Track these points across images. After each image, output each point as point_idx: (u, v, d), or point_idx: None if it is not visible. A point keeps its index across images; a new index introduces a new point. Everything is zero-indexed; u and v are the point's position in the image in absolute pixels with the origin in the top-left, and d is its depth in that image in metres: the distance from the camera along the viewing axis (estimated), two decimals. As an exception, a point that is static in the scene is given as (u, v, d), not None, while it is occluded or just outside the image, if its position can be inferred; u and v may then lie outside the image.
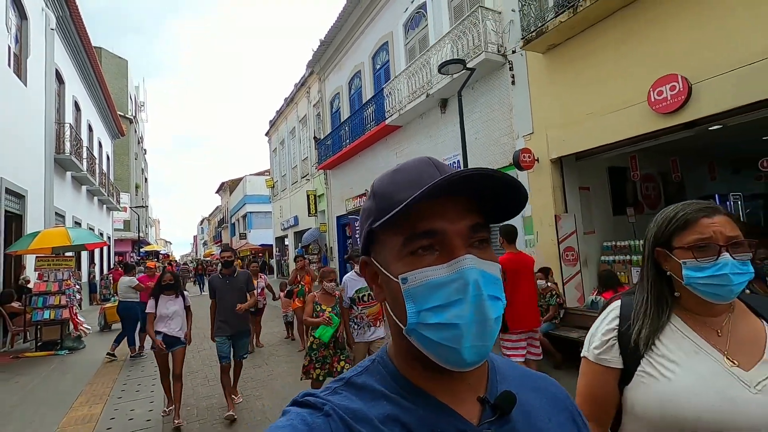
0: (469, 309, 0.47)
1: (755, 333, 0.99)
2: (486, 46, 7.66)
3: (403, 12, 10.96)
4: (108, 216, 21.54)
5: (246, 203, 33.35)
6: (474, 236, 0.50)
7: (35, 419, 4.28)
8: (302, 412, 0.48)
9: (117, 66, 30.17)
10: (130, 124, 29.18)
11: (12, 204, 8.50)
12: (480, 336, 0.47)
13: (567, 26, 6.13)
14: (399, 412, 0.49)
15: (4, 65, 8.28)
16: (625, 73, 5.73)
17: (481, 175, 0.47)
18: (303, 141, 19.61)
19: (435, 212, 0.49)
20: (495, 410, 0.51)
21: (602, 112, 6.06)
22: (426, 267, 0.48)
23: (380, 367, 0.55)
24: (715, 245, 0.96)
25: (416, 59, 9.78)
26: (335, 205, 15.65)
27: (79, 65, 14.52)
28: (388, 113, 10.89)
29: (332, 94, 16.06)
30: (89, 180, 14.60)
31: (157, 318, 4.17)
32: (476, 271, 0.47)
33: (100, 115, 18.95)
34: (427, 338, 0.48)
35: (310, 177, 18.40)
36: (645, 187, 8.68)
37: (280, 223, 23.21)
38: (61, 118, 12.31)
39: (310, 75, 17.80)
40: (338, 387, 0.53)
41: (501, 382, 0.56)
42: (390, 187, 0.52)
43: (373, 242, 0.55)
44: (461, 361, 0.48)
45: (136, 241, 27.25)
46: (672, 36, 5.21)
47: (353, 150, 13.22)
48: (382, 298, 0.55)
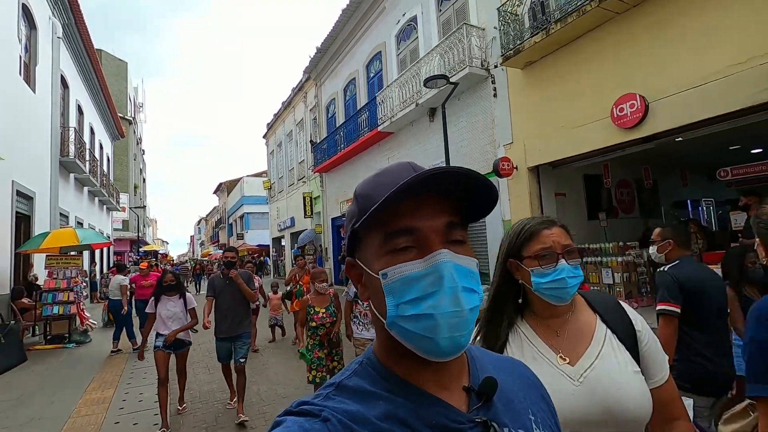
0: (443, 300, 0.49)
1: (587, 327, 1.07)
2: (470, 60, 8.20)
3: (396, 24, 11.49)
4: (108, 216, 21.96)
5: (243, 204, 33.79)
6: (449, 233, 0.52)
7: (54, 401, 4.77)
8: (299, 419, 0.48)
9: (117, 68, 30.55)
10: (129, 126, 29.57)
11: (22, 205, 8.97)
12: (456, 326, 0.49)
13: (541, 46, 6.67)
14: (395, 409, 0.50)
15: (16, 74, 8.75)
16: (592, 90, 6.28)
17: (451, 173, 0.49)
18: (300, 144, 20.11)
19: (412, 211, 0.51)
20: (480, 397, 0.54)
21: (572, 125, 6.61)
22: (403, 263, 0.50)
23: (368, 367, 0.56)
24: (554, 253, 1.07)
25: (407, 70, 10.31)
26: (330, 207, 16.15)
27: (83, 70, 14.98)
28: (381, 120, 11.42)
29: (328, 100, 16.57)
30: (91, 181, 15.06)
31: (158, 319, 4.09)
32: (450, 265, 0.50)
33: (102, 117, 19.39)
34: (406, 330, 0.50)
35: (306, 179, 18.89)
36: (620, 193, 9.24)
37: (276, 224, 23.68)
38: (66, 122, 12.77)
39: (307, 80, 18.31)
40: (330, 392, 0.53)
41: (480, 369, 0.58)
42: (370, 190, 0.54)
43: (357, 243, 0.56)
44: (439, 351, 0.50)
45: (135, 241, 27.63)
46: (631, 59, 5.77)
47: (348, 154, 13.73)
48: (367, 296, 0.56)
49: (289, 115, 21.37)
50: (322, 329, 3.76)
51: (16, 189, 8.44)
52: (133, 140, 30.91)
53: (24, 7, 9.22)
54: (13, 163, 8.26)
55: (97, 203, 18.60)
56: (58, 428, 4.00)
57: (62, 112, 12.59)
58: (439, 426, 0.50)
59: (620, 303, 1.16)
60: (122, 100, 29.43)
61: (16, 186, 8.45)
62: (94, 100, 17.46)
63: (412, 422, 0.49)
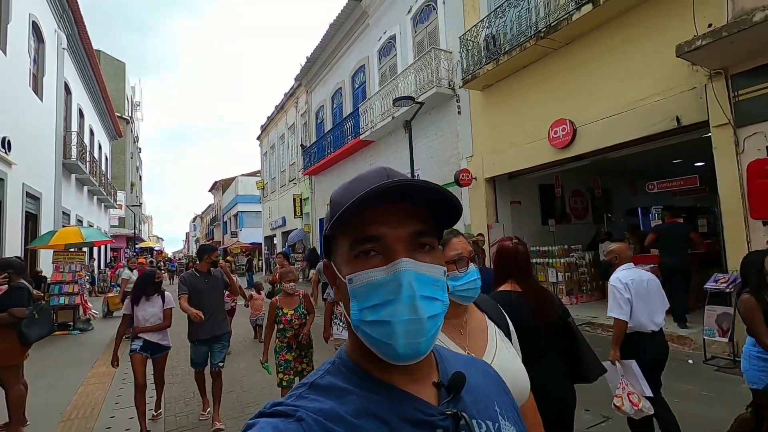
0: (401, 308, 0.50)
1: (481, 325, 1.16)
2: (438, 81, 9.15)
3: (378, 40, 12.43)
4: (105, 213, 22.75)
5: (238, 203, 34.59)
6: (415, 241, 0.53)
7: (67, 374, 5.67)
8: (272, 420, 0.48)
9: (115, 68, 31.22)
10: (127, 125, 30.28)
11: (30, 205, 9.83)
12: (413, 333, 0.50)
13: (493, 73, 7.64)
14: (368, 404, 0.51)
15: (26, 86, 9.61)
16: (534, 114, 7.25)
17: (411, 186, 0.50)
18: (291, 147, 20.99)
19: (379, 219, 0.52)
20: (449, 391, 0.56)
21: (520, 143, 7.58)
22: (368, 269, 0.52)
23: (341, 366, 0.57)
24: (465, 258, 1.18)
25: (387, 84, 11.24)
26: (318, 208, 17.06)
27: (84, 75, 15.80)
28: (363, 129, 12.35)
29: (318, 106, 17.48)
30: (91, 181, 15.88)
31: (135, 321, 3.78)
32: (411, 274, 0.51)
33: (100, 118, 20.18)
34: (368, 334, 0.52)
35: (296, 181, 19.79)
36: (573, 201, 10.24)
37: (269, 223, 24.55)
38: (68, 126, 13.60)
39: (299, 87, 19.20)
40: (303, 391, 0.53)
41: (449, 366, 0.61)
42: (342, 196, 0.55)
43: (331, 246, 0.58)
44: (397, 356, 0.51)
45: (131, 238, 28.41)
46: (563, 89, 6.74)
47: (334, 159, 14.65)
48: (339, 298, 0.57)
49: (282, 118, 22.25)
50: (290, 331, 3.58)
51: (25, 191, 9.31)
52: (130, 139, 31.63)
53: (34, 24, 10.07)
54: (23, 168, 9.12)
55: (96, 201, 19.41)
56: (73, 392, 4.92)
57: (65, 116, 13.41)
58: (412, 419, 0.51)
59: (496, 303, 1.30)
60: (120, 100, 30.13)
61: (25, 188, 9.32)
62: (94, 102, 18.27)
63: (385, 417, 0.50)
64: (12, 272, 3.80)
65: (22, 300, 3.78)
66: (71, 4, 12.18)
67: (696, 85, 5.10)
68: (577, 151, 6.61)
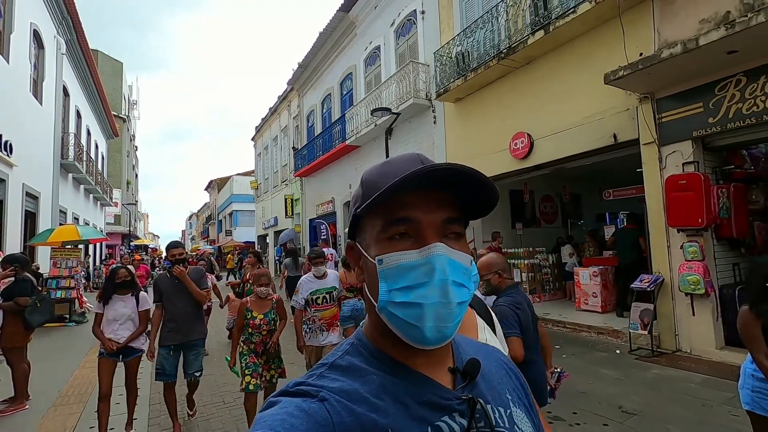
0: (433, 291, 0.50)
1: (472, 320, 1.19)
2: (416, 92, 9.76)
3: (364, 50, 13.02)
4: (101, 211, 23.24)
5: (232, 202, 35.11)
6: (447, 228, 0.54)
7: (67, 357, 6.26)
8: (295, 400, 0.49)
9: (112, 68, 31.64)
10: (123, 123, 30.73)
11: (29, 204, 10.37)
12: (442, 317, 0.51)
13: (463, 88, 8.26)
14: (387, 386, 0.52)
15: (27, 92, 10.15)
16: (498, 126, 7.87)
17: (454, 170, 0.50)
18: (284, 149, 21.55)
19: (413, 203, 0.53)
20: (465, 377, 0.57)
21: (487, 152, 8.19)
22: (400, 251, 0.52)
23: (360, 348, 0.57)
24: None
25: (371, 92, 11.85)
26: (308, 209, 17.65)
27: (82, 77, 16.32)
28: (349, 135, 12.95)
29: (308, 110, 18.06)
30: (87, 180, 16.40)
31: (104, 322, 3.47)
32: (444, 258, 0.51)
33: (97, 119, 20.68)
34: (395, 315, 0.52)
35: (288, 182, 20.35)
36: (543, 206, 10.86)
37: (262, 223, 25.11)
38: (66, 127, 14.12)
39: (291, 91, 19.77)
40: (324, 371, 0.54)
41: (464, 353, 0.62)
42: (376, 177, 0.56)
43: (358, 227, 0.59)
44: (423, 339, 0.51)
45: (126, 235, 28.89)
46: (522, 105, 7.37)
47: (323, 162, 15.23)
48: (363, 279, 0.58)
49: (275, 121, 22.81)
50: (258, 336, 3.37)
51: (25, 191, 9.85)
52: (126, 137, 32.07)
53: (35, 32, 10.61)
54: (23, 168, 9.66)
55: (92, 199, 19.92)
56: (69, 375, 5.49)
57: (63, 118, 13.93)
58: (430, 403, 0.52)
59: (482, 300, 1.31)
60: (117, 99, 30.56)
61: (25, 188, 9.86)
62: (91, 103, 18.78)
63: (404, 398, 0.51)
64: (18, 266, 4.39)
65: (26, 290, 4.37)
66: (70, 11, 12.71)
67: (629, 107, 5.73)
68: (535, 161, 7.23)
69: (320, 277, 3.93)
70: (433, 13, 9.81)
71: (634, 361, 5.09)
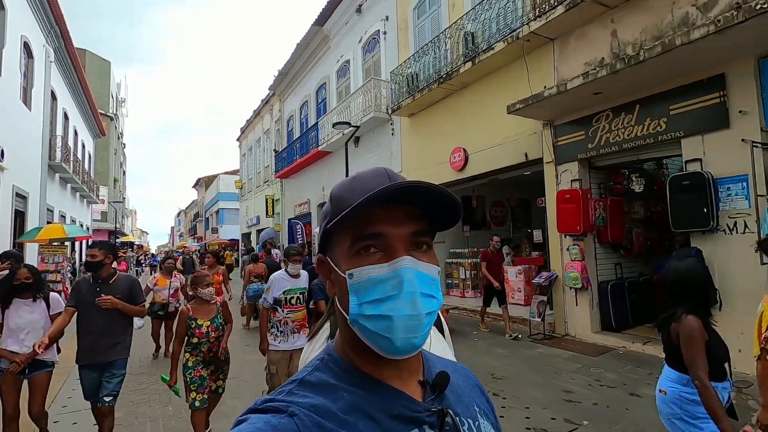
0: (402, 304, 0.51)
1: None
2: (377, 106, 10.77)
3: (336, 62, 13.99)
4: (87, 209, 23.89)
5: (219, 200, 35.80)
6: (414, 240, 0.55)
7: (50, 342, 7.14)
8: (264, 416, 0.49)
9: (100, 67, 32.13)
10: (111, 122, 31.28)
11: (19, 203, 11.17)
12: (411, 328, 0.52)
13: (413, 105, 9.28)
14: (358, 401, 0.53)
15: (17, 99, 10.95)
16: (441, 141, 8.92)
17: (420, 188, 0.52)
18: (266, 151, 22.42)
19: (381, 217, 0.54)
20: (434, 389, 0.58)
21: (433, 163, 9.24)
22: (369, 265, 0.53)
23: (330, 363, 0.58)
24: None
25: (342, 102, 12.82)
26: (287, 209, 18.59)
27: (69, 81, 17.03)
28: (321, 141, 13.91)
29: (288, 115, 18.97)
30: (74, 180, 17.13)
31: (5, 332, 2.99)
32: (412, 271, 0.53)
33: (84, 119, 21.35)
34: (366, 328, 0.53)
35: (270, 183, 21.25)
36: (494, 210, 11.94)
37: (245, 221, 25.96)
38: (54, 130, 14.86)
39: (273, 95, 20.65)
40: (293, 388, 0.54)
41: (433, 366, 0.63)
42: (345, 192, 0.57)
43: (329, 241, 0.59)
44: (395, 350, 0.52)
45: (113, 232, 29.49)
46: (459, 122, 8.42)
47: (300, 165, 16.17)
48: (334, 292, 0.60)
49: (259, 123, 23.66)
50: (206, 345, 3.15)
51: (15, 192, 10.66)
52: (114, 136, 32.60)
53: (25, 44, 11.39)
54: (13, 171, 10.46)
55: (78, 197, 20.60)
56: (55, 354, 6.38)
57: (51, 120, 14.68)
58: (401, 416, 0.53)
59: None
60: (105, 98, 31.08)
61: (15, 189, 10.66)
62: (79, 105, 19.47)
63: (374, 413, 0.52)
64: (13, 261, 5.30)
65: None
66: (59, 21, 13.46)
67: (537, 131, 6.79)
68: (470, 173, 8.29)
69: (294, 276, 3.65)
70: (393, 35, 10.81)
71: (529, 343, 6.17)
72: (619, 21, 5.57)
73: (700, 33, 4.01)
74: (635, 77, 4.94)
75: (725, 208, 4.55)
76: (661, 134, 5.13)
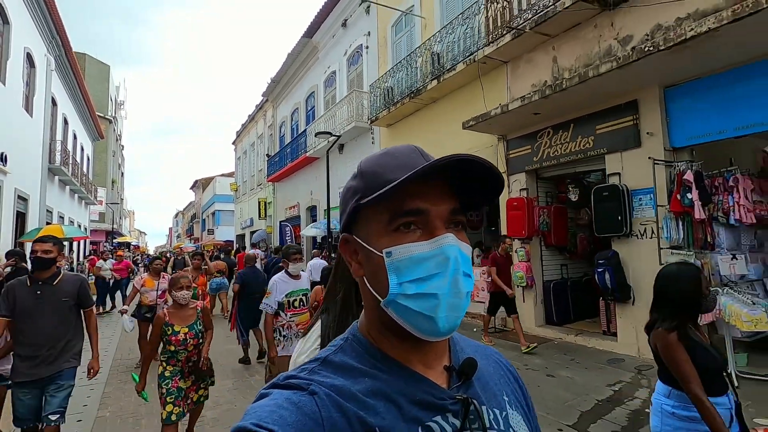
0: (447, 282, 0.50)
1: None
2: (359, 117, 11.47)
3: (323, 72, 14.71)
4: (85, 209, 24.54)
5: (215, 202, 36.47)
6: (452, 218, 0.54)
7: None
8: (285, 392, 0.49)
9: (99, 71, 32.83)
10: (110, 124, 31.96)
11: (20, 205, 11.84)
12: (454, 307, 0.51)
13: (389, 117, 9.99)
14: (380, 385, 0.52)
15: (20, 108, 11.64)
16: (414, 151, 9.60)
17: (465, 161, 0.51)
18: (260, 155, 23.12)
19: (420, 194, 0.52)
20: (460, 376, 0.56)
21: (407, 171, 9.92)
22: (410, 243, 0.51)
23: (354, 344, 0.57)
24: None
25: (328, 110, 13.53)
26: (279, 211, 19.26)
27: (69, 86, 17.72)
28: (309, 148, 14.61)
29: (281, 121, 19.68)
30: (72, 182, 17.80)
31: None
32: (456, 249, 0.52)
33: (84, 123, 22.04)
34: (407, 308, 0.51)
35: (263, 186, 21.94)
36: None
37: (240, 223, 26.64)
38: (54, 135, 15.54)
39: (266, 101, 21.37)
40: (315, 367, 0.53)
41: (461, 351, 0.61)
42: (378, 168, 0.55)
43: (356, 220, 0.57)
44: (436, 330, 0.51)
45: (110, 232, 30.12)
46: (430, 134, 9.11)
47: (291, 169, 16.86)
48: (361, 273, 0.57)
49: (253, 128, 24.37)
50: (183, 354, 2.95)
51: (17, 194, 11.33)
52: (112, 138, 33.28)
53: (28, 55, 12.08)
54: (16, 175, 11.13)
55: (77, 199, 21.27)
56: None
57: (51, 126, 15.36)
58: (423, 402, 0.52)
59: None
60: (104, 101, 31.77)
61: (17, 192, 11.34)
62: (78, 110, 20.16)
63: (396, 398, 0.51)
64: (17, 258, 5.97)
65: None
66: (59, 31, 14.16)
67: (493, 144, 7.50)
68: (438, 181, 8.97)
69: (295, 277, 3.53)
70: (374, 50, 11.53)
71: (480, 336, 6.83)
72: (559, 49, 6.28)
73: (606, 68, 4.72)
74: (565, 101, 5.65)
75: (637, 216, 5.25)
76: (589, 150, 5.83)
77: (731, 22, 3.66)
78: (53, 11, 13.11)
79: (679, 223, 4.69)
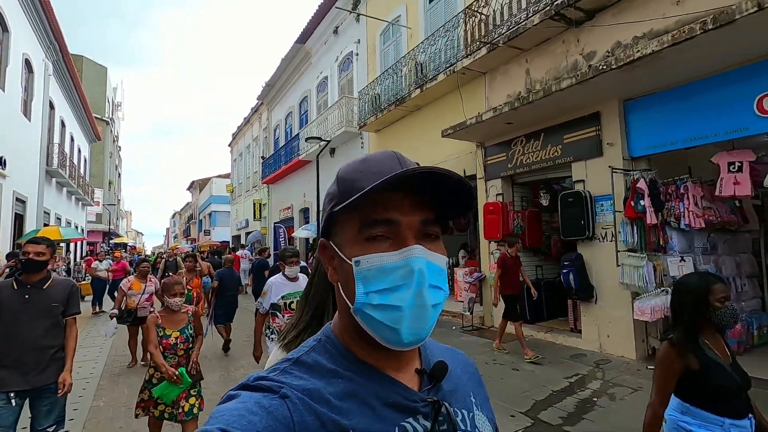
0: (410, 294, 0.50)
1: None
2: (348, 122, 11.82)
3: (316, 78, 15.06)
4: (82, 211, 24.80)
5: (212, 203, 36.73)
6: (424, 229, 0.54)
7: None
8: (255, 395, 0.48)
9: (96, 73, 33.05)
10: (107, 126, 32.20)
11: (18, 207, 12.15)
12: (418, 319, 0.51)
13: (377, 123, 10.34)
14: (354, 387, 0.52)
15: (19, 112, 11.94)
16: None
17: (436, 174, 0.51)
18: (255, 157, 23.45)
19: (391, 203, 0.52)
20: (431, 379, 0.58)
21: (394, 175, 10.27)
22: (378, 252, 0.52)
23: (328, 345, 0.57)
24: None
25: (320, 115, 13.87)
26: (273, 213, 19.59)
27: (66, 90, 18.02)
28: (302, 151, 14.94)
29: (275, 124, 20.02)
30: (70, 184, 18.09)
31: None
32: (422, 261, 0.51)
33: (81, 126, 22.32)
34: (372, 317, 0.51)
35: (258, 188, 22.26)
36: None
37: (236, 224, 26.94)
38: (51, 138, 15.83)
39: (261, 104, 21.69)
40: (287, 366, 0.53)
41: (431, 355, 0.62)
42: (354, 175, 0.55)
43: (333, 225, 0.57)
44: (400, 342, 0.52)
45: (107, 233, 30.38)
46: (415, 140, 9.48)
47: (284, 172, 17.19)
48: (336, 279, 0.57)
49: (249, 130, 24.70)
50: (173, 358, 3.01)
51: (15, 196, 11.63)
52: (109, 139, 33.51)
53: (26, 60, 12.39)
54: (14, 178, 11.43)
55: (74, 200, 21.55)
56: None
57: (49, 129, 15.65)
58: (395, 404, 0.53)
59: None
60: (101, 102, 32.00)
61: (15, 194, 11.64)
62: (75, 112, 20.45)
63: (370, 400, 0.52)
64: (17, 260, 6.28)
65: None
66: (57, 36, 14.47)
67: (472, 151, 7.85)
68: (422, 185, 9.32)
69: (292, 279, 3.48)
70: (363, 57, 11.89)
71: (459, 333, 7.19)
72: (531, 62, 6.65)
73: (567, 83, 5.08)
74: (534, 112, 6.01)
75: (599, 220, 5.62)
76: (558, 158, 6.20)
77: (671, 46, 4.03)
78: (51, 17, 13.42)
79: (634, 228, 5.05)
